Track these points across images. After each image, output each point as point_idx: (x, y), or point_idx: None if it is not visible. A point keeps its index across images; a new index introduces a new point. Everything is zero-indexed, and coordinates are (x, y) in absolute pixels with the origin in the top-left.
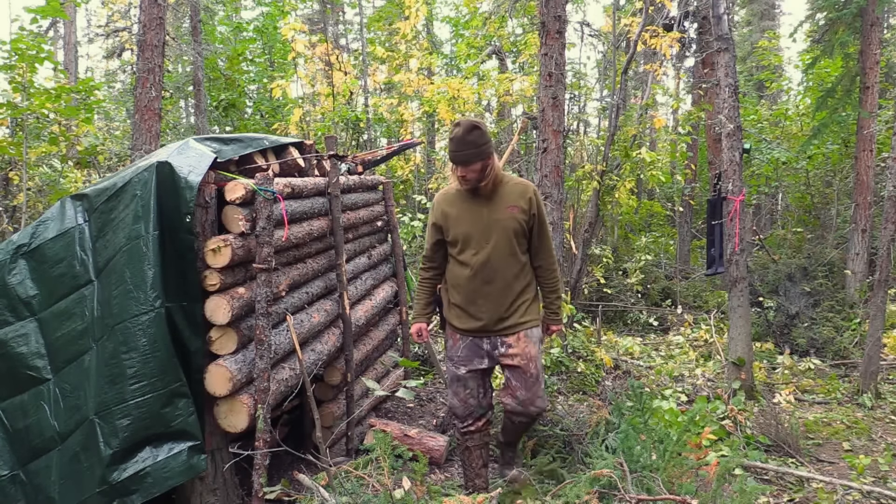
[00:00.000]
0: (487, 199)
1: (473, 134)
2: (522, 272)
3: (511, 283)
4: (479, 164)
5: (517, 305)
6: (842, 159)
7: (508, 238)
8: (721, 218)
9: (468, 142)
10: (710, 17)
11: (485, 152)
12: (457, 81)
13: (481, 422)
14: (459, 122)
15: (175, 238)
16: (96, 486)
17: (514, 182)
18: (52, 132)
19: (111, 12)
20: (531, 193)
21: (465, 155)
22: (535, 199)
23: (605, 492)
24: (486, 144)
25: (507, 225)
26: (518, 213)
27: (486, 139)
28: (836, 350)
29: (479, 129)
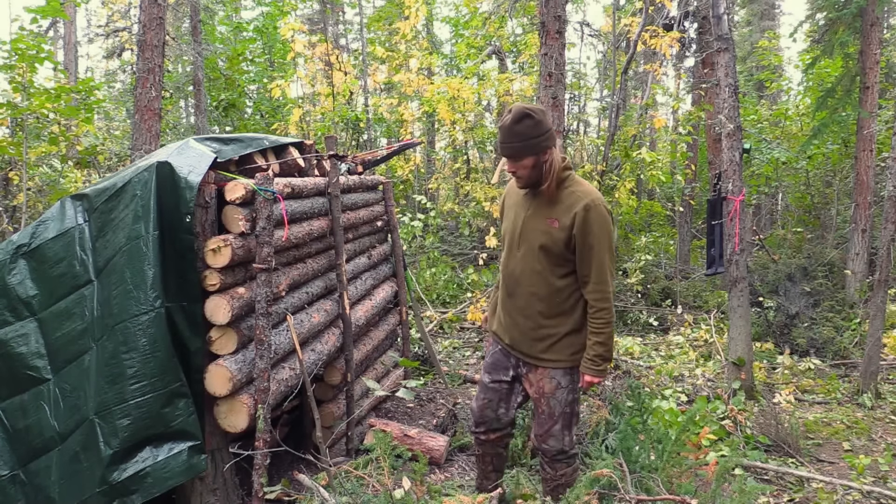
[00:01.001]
0: (542, 202)
1: (524, 124)
2: (554, 297)
3: (534, 306)
4: (531, 160)
5: (542, 336)
6: (842, 159)
7: (534, 253)
8: (721, 218)
9: (516, 133)
10: (710, 17)
11: (538, 146)
12: (457, 81)
13: (495, 435)
14: (511, 108)
15: (175, 238)
16: (96, 486)
17: (574, 191)
18: (52, 132)
19: (111, 12)
20: (580, 209)
21: (511, 148)
22: (582, 217)
23: (605, 492)
24: (539, 137)
25: (536, 238)
26: (555, 229)
27: (540, 130)
28: (836, 350)
29: (533, 117)
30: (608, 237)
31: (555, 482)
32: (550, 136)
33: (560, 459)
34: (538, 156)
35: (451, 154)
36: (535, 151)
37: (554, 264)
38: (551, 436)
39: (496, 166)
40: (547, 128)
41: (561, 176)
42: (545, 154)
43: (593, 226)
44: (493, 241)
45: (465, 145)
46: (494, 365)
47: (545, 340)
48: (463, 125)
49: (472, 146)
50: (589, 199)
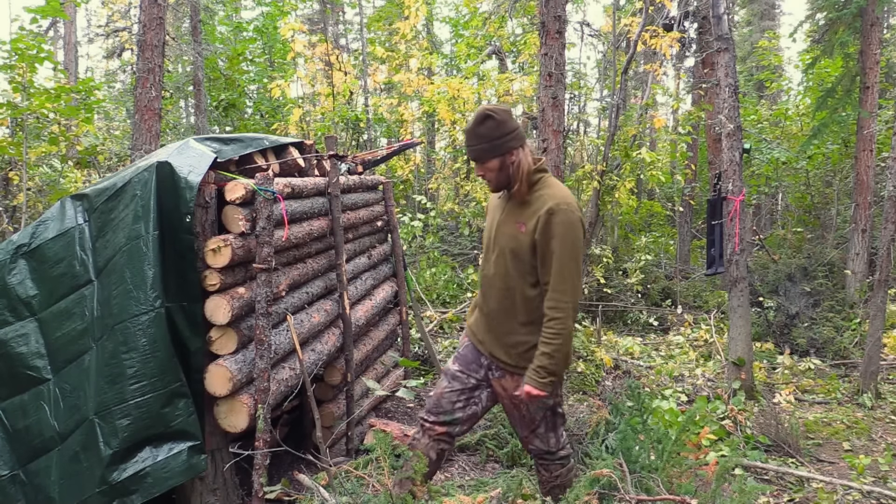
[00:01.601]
0: (514, 206)
1: (486, 125)
2: (527, 305)
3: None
4: (497, 162)
5: (515, 342)
6: (842, 159)
7: (505, 258)
8: (721, 218)
9: (479, 134)
10: (710, 17)
11: (502, 147)
12: (457, 81)
13: (441, 428)
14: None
15: (175, 238)
16: (96, 486)
17: (542, 193)
18: (52, 132)
19: (111, 12)
20: (543, 212)
21: (475, 150)
22: (545, 221)
23: (605, 492)
24: (503, 138)
25: (506, 243)
26: (522, 234)
27: (503, 131)
28: (836, 350)
29: (495, 118)
30: (572, 243)
31: (550, 483)
32: (516, 137)
33: (550, 460)
34: (503, 157)
35: (451, 154)
36: (499, 153)
37: (524, 271)
38: (536, 437)
39: None
40: (511, 128)
41: (532, 178)
42: (511, 155)
43: (555, 229)
44: None
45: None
46: (465, 358)
47: (518, 347)
48: (463, 125)
49: None
50: (554, 203)
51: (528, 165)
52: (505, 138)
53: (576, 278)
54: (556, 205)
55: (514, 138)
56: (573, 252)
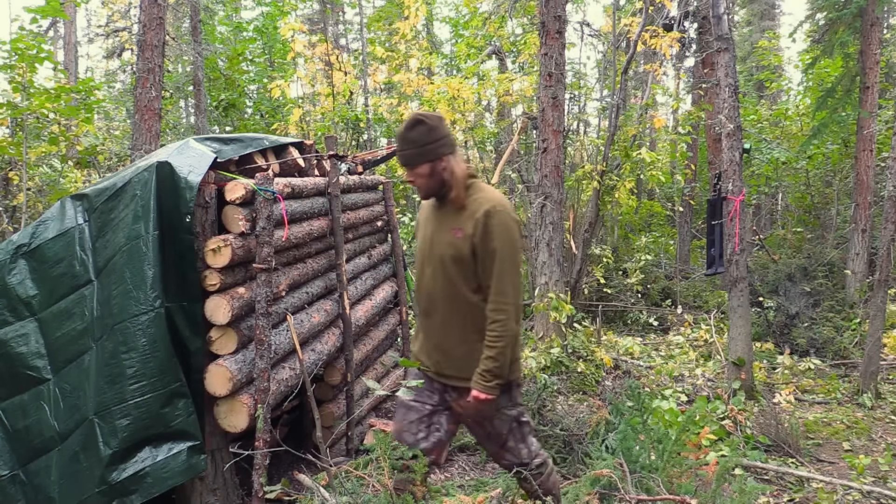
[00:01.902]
0: (448, 213)
1: (416, 130)
2: (472, 313)
3: (453, 324)
4: (427, 168)
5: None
6: (842, 159)
7: (444, 266)
8: (721, 218)
9: (410, 139)
10: (710, 17)
11: (432, 153)
12: (457, 81)
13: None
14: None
15: (175, 238)
16: (96, 486)
17: (476, 197)
18: (52, 132)
19: (111, 12)
20: (480, 215)
21: (405, 155)
22: (483, 224)
23: (605, 492)
24: (433, 143)
25: (444, 251)
26: (459, 239)
27: (433, 137)
28: (836, 350)
29: (426, 123)
30: (511, 245)
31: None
32: (447, 144)
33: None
34: (433, 163)
35: None
36: (429, 158)
37: (464, 277)
38: (507, 451)
39: (496, 166)
40: (441, 135)
41: (464, 184)
42: (441, 161)
43: (493, 231)
44: None
45: (465, 145)
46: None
47: (470, 359)
48: (463, 125)
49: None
50: (490, 205)
51: (461, 171)
52: (435, 144)
53: (516, 279)
54: (492, 207)
55: (444, 144)
56: (512, 253)
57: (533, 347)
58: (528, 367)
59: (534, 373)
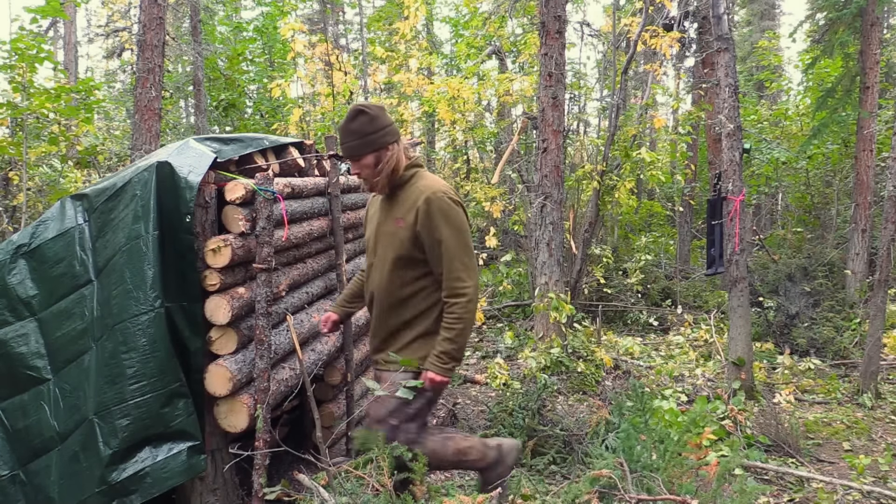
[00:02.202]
0: (391, 204)
1: (358, 120)
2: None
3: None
4: (372, 158)
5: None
6: (842, 159)
7: (387, 258)
8: (721, 218)
9: (352, 130)
10: (710, 17)
11: (376, 142)
12: (457, 81)
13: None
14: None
15: (175, 238)
16: (96, 486)
17: (417, 186)
18: (52, 132)
19: (111, 12)
20: (420, 203)
21: (349, 147)
22: (424, 211)
23: (606, 492)
24: (376, 133)
25: (387, 242)
26: (401, 228)
27: (376, 126)
28: (836, 350)
29: (368, 113)
30: (456, 228)
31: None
32: (390, 133)
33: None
34: (378, 152)
35: (451, 154)
36: (373, 148)
37: (405, 267)
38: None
39: (496, 166)
40: (384, 124)
41: (406, 174)
42: (387, 150)
43: (435, 217)
44: (493, 241)
45: (465, 145)
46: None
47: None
48: (463, 125)
49: (472, 146)
50: (430, 192)
51: (403, 160)
52: (379, 133)
53: (469, 261)
54: (432, 193)
55: (388, 133)
56: (460, 236)
57: (533, 347)
58: (528, 367)
59: (534, 373)
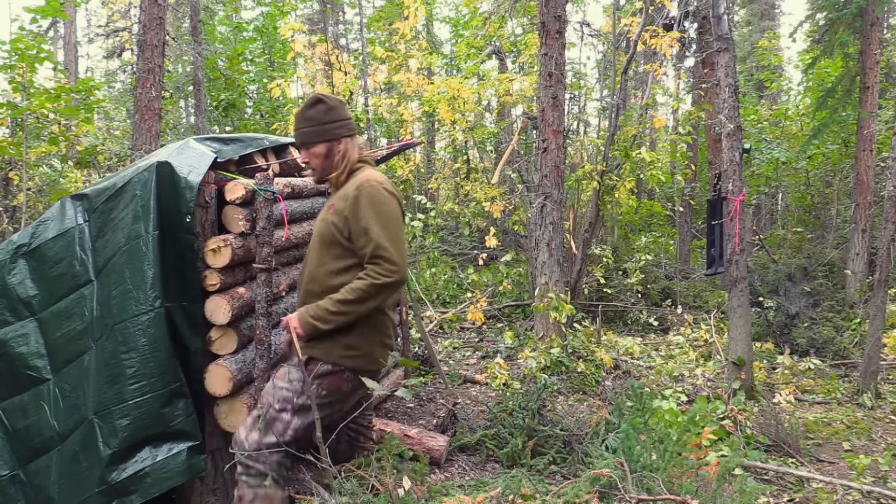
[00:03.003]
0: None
1: (316, 108)
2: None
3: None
4: (323, 148)
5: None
6: (842, 159)
7: (316, 245)
8: (721, 218)
9: (308, 117)
10: (710, 17)
11: (330, 133)
12: (457, 81)
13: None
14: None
15: (175, 238)
16: (95, 486)
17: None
18: (52, 132)
19: (111, 12)
20: (352, 191)
21: (303, 133)
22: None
23: (606, 491)
24: (331, 123)
25: (318, 228)
26: (330, 214)
27: (332, 117)
28: (836, 350)
29: (326, 103)
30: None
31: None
32: (345, 127)
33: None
34: (330, 143)
35: (451, 154)
36: (326, 138)
37: (332, 254)
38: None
39: (496, 166)
40: (340, 117)
41: (352, 168)
42: (339, 143)
43: (363, 204)
44: (493, 241)
45: (465, 145)
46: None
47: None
48: (463, 125)
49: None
50: (364, 181)
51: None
52: (334, 124)
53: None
54: (364, 182)
55: (343, 126)
56: (389, 224)
57: (533, 347)
58: (528, 367)
59: (534, 373)
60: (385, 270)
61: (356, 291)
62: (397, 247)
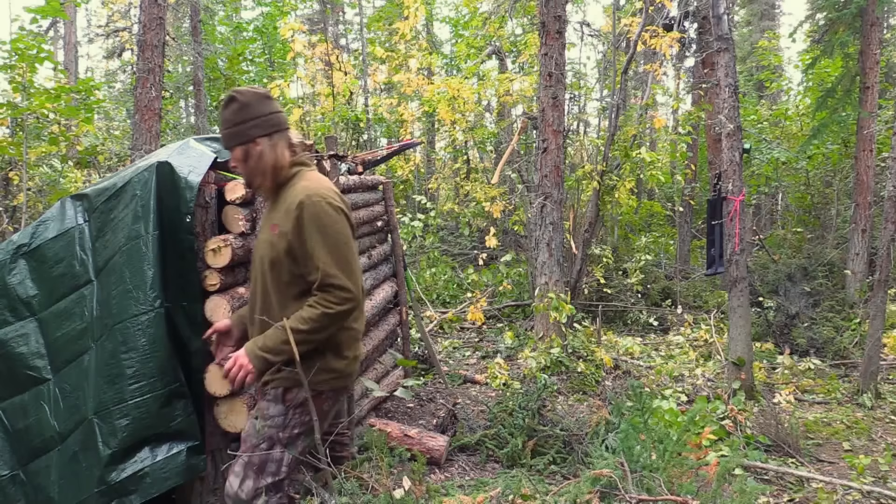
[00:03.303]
0: (271, 208)
1: (229, 108)
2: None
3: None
4: (240, 151)
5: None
6: (842, 159)
7: (263, 269)
8: (721, 218)
9: (223, 119)
10: (710, 17)
11: (243, 134)
12: (457, 81)
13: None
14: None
15: (175, 238)
16: (95, 487)
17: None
18: (52, 132)
19: (111, 12)
20: (293, 208)
21: (222, 137)
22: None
23: (606, 491)
24: (244, 123)
25: (262, 252)
26: (276, 236)
27: (244, 116)
28: (836, 350)
29: (238, 100)
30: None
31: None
32: (261, 125)
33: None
34: (245, 146)
35: (451, 154)
36: (240, 141)
37: (282, 282)
38: (232, 472)
39: (496, 166)
40: (255, 114)
41: (286, 174)
42: (254, 145)
43: (307, 226)
44: (493, 242)
45: (465, 145)
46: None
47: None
48: (463, 125)
49: (472, 146)
50: (304, 195)
51: (274, 158)
52: (247, 124)
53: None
54: (306, 197)
55: (258, 125)
56: (337, 247)
57: (533, 347)
58: (528, 367)
59: (534, 373)
60: (336, 299)
61: (308, 322)
62: (348, 270)
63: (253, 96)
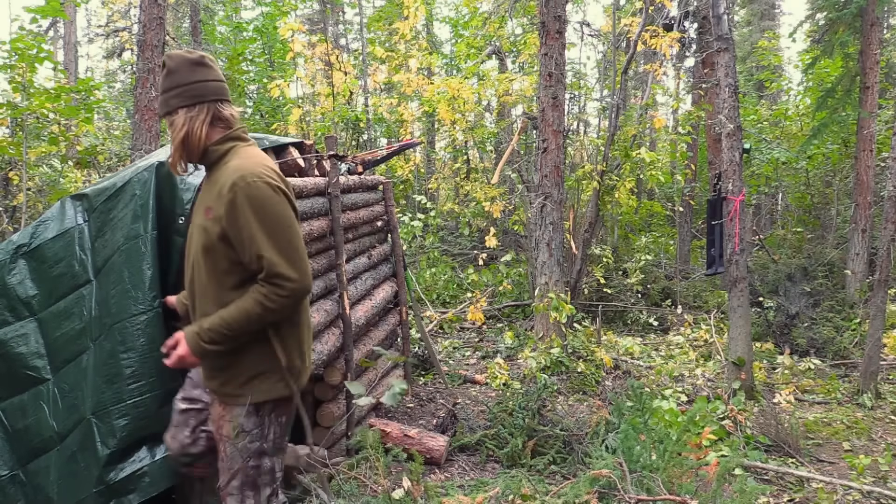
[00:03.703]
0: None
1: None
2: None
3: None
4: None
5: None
6: (842, 159)
7: (198, 257)
8: (721, 218)
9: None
10: (710, 17)
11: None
12: (457, 81)
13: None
14: None
15: (174, 238)
16: (93, 486)
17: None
18: (52, 132)
19: (111, 12)
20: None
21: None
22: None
23: (605, 492)
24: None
25: (196, 238)
26: (210, 221)
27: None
28: (836, 350)
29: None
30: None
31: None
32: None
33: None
34: (170, 116)
35: (451, 154)
36: (164, 110)
37: (219, 270)
38: (229, 494)
39: (496, 166)
40: (180, 82)
41: (218, 149)
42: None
43: (240, 208)
44: (493, 241)
45: (465, 145)
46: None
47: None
48: (463, 125)
49: (472, 146)
50: (237, 176)
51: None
52: (170, 93)
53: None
54: (239, 178)
55: (178, 94)
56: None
57: (533, 347)
58: (528, 367)
59: (534, 373)
60: (282, 290)
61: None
62: (292, 257)
63: (181, 62)
